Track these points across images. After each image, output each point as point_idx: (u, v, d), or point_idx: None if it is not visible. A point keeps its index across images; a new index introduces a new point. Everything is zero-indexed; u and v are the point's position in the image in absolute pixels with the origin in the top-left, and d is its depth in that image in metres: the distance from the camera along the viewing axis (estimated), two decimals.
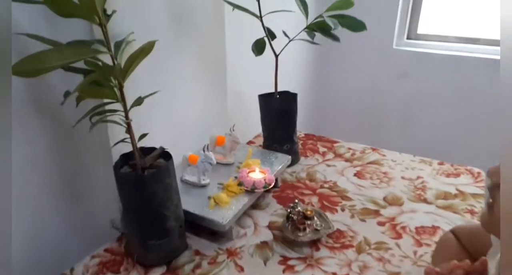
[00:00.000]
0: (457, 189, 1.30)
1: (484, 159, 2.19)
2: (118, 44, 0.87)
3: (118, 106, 0.89)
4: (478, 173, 1.38)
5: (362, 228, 1.13)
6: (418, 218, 1.17)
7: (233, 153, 1.31)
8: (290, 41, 1.28)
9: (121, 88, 0.84)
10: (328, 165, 1.45)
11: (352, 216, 1.18)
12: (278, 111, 1.36)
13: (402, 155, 1.51)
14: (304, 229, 1.08)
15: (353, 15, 1.21)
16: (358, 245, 1.06)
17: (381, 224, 1.15)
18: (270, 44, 1.29)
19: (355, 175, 1.39)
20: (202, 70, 1.30)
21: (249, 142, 1.65)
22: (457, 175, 1.38)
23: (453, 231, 0.97)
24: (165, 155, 0.99)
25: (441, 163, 1.45)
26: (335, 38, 1.21)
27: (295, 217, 1.10)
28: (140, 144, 0.93)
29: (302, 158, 1.49)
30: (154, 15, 1.08)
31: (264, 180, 1.16)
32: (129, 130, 0.89)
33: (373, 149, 1.56)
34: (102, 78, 0.81)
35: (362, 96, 2.47)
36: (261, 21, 1.24)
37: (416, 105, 2.36)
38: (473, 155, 2.22)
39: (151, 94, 0.91)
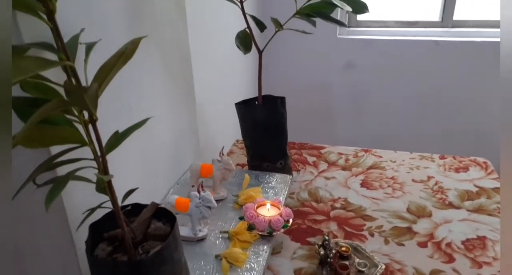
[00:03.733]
0: (475, 186, 1.16)
1: (443, 142, 2.21)
2: (70, 48, 0.51)
3: (78, 152, 0.53)
4: (485, 162, 1.27)
5: (405, 255, 0.91)
6: (457, 229, 0.99)
7: (223, 184, 0.99)
8: (277, 31, 1.00)
9: (93, 123, 0.48)
10: (327, 178, 1.22)
11: (387, 241, 0.96)
12: (267, 122, 1.08)
13: (399, 153, 1.35)
14: None
15: None
16: None
17: (422, 245, 0.95)
18: (253, 38, 0.99)
19: (362, 185, 1.18)
20: (167, 82, 0.96)
21: None
22: (466, 168, 1.25)
23: None
24: (159, 214, 0.65)
25: (442, 157, 1.31)
26: (341, 24, 0.97)
27: (333, 261, 0.84)
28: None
29: (294, 173, 1.23)
30: (103, 4, 0.71)
31: (281, 216, 0.88)
32: (108, 188, 0.54)
33: (365, 151, 1.37)
34: (60, 110, 0.45)
35: (311, 91, 2.30)
36: (242, 8, 0.94)
37: (366, 93, 2.26)
38: (429, 139, 2.20)
39: (137, 126, 0.56)
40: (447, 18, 2.14)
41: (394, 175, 1.23)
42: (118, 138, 0.55)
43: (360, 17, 2.25)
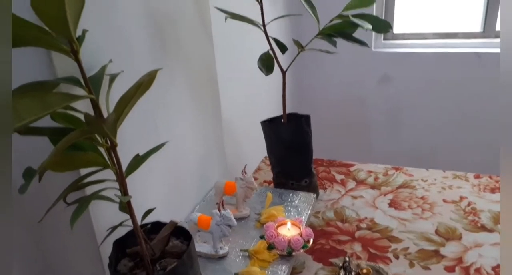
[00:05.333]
0: None
1: (483, 156, 2.11)
2: (96, 80, 0.56)
3: (104, 173, 0.58)
4: None
5: None
6: (487, 254, 0.95)
7: (246, 202, 1.02)
8: (300, 51, 1.03)
9: (113, 148, 0.53)
10: (354, 197, 1.21)
11: (412, 264, 0.94)
12: (291, 140, 1.10)
13: (431, 172, 1.31)
14: None
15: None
16: None
17: (449, 269, 0.92)
18: (276, 59, 1.02)
19: (390, 205, 1.16)
20: (194, 101, 1.01)
21: None
22: None
23: None
24: (177, 232, 0.68)
25: (477, 176, 1.27)
26: (362, 43, 0.98)
27: None
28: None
29: (321, 192, 1.23)
30: (130, 34, 0.77)
31: (301, 236, 0.88)
32: (128, 209, 0.58)
33: (396, 169, 1.34)
34: (84, 138, 0.50)
35: (345, 107, 2.28)
36: (265, 31, 0.98)
37: (403, 108, 2.22)
38: (469, 154, 2.11)
39: (155, 149, 0.60)
40: (489, 28, 2.06)
41: (424, 194, 1.20)
42: (138, 161, 0.59)
43: (396, 30, 2.23)
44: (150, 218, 0.67)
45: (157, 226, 0.68)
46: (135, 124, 0.78)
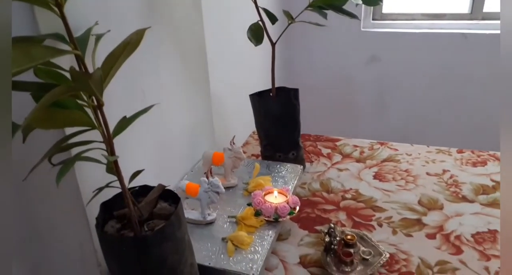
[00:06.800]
0: (492, 180, 1.14)
1: (466, 135, 2.16)
2: (82, 40, 0.56)
3: (90, 135, 0.58)
4: None
5: (412, 245, 0.92)
6: (468, 223, 0.99)
7: (234, 172, 1.03)
8: (290, 23, 1.02)
9: (100, 107, 0.53)
10: (340, 169, 1.23)
11: (394, 232, 0.97)
12: (279, 114, 1.11)
13: (415, 147, 1.34)
14: (352, 262, 0.85)
15: None
16: (418, 271, 0.85)
17: (430, 236, 0.95)
18: (266, 30, 1.02)
19: (374, 177, 1.18)
20: (182, 70, 1.00)
21: None
22: (483, 163, 1.23)
23: None
24: (166, 195, 0.69)
25: (460, 151, 1.29)
26: (352, 15, 0.98)
27: (337, 248, 0.86)
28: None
29: (307, 165, 1.25)
30: None
31: (287, 203, 0.90)
32: (115, 169, 0.58)
33: (381, 144, 1.36)
34: (68, 94, 0.50)
35: (333, 85, 2.29)
36: (255, 1, 0.97)
37: (390, 87, 2.23)
38: (453, 133, 2.15)
39: (143, 111, 0.60)
40: (476, 10, 2.07)
41: (408, 168, 1.22)
42: (125, 122, 0.59)
43: (385, 9, 2.22)
44: (137, 184, 0.67)
45: (145, 189, 0.69)
46: (123, 89, 0.77)
